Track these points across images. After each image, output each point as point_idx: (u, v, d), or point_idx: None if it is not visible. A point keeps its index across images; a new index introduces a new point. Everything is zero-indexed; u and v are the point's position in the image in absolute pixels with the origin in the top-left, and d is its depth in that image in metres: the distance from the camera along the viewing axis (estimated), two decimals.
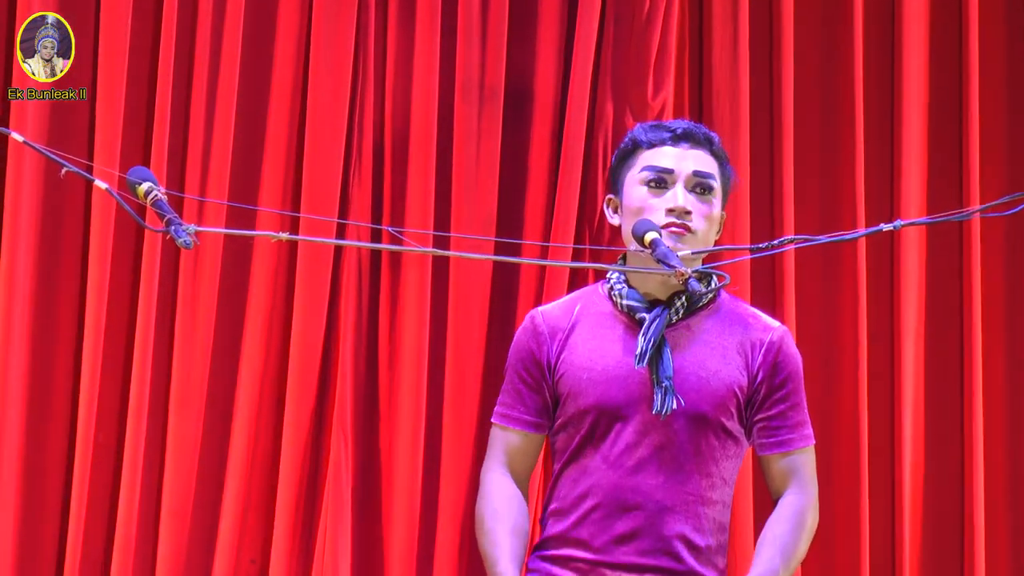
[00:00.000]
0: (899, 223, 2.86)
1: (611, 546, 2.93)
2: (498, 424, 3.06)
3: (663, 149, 3.01)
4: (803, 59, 4.27)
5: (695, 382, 2.94)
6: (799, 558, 2.99)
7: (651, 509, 2.92)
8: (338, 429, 3.93)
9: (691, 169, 2.99)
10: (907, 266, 4.25)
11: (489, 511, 3.00)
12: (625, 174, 3.04)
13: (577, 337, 3.00)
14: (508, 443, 3.04)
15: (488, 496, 3.02)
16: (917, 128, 4.28)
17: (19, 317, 3.85)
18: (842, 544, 4.16)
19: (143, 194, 2.61)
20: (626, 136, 3.08)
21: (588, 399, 2.95)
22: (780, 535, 2.98)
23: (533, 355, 3.02)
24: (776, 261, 4.16)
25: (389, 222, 3.99)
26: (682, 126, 3.03)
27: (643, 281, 3.00)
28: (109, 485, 3.88)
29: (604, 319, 3.01)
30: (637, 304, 2.98)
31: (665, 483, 2.92)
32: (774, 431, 3.00)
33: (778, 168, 4.19)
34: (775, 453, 3.01)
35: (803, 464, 3.02)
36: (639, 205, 2.98)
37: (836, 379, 4.22)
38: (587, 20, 4.09)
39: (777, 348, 3.02)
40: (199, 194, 3.88)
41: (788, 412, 3.01)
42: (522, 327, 3.07)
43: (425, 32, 4.04)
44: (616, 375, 2.95)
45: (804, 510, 3.00)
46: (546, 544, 3.01)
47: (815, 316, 4.23)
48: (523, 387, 3.03)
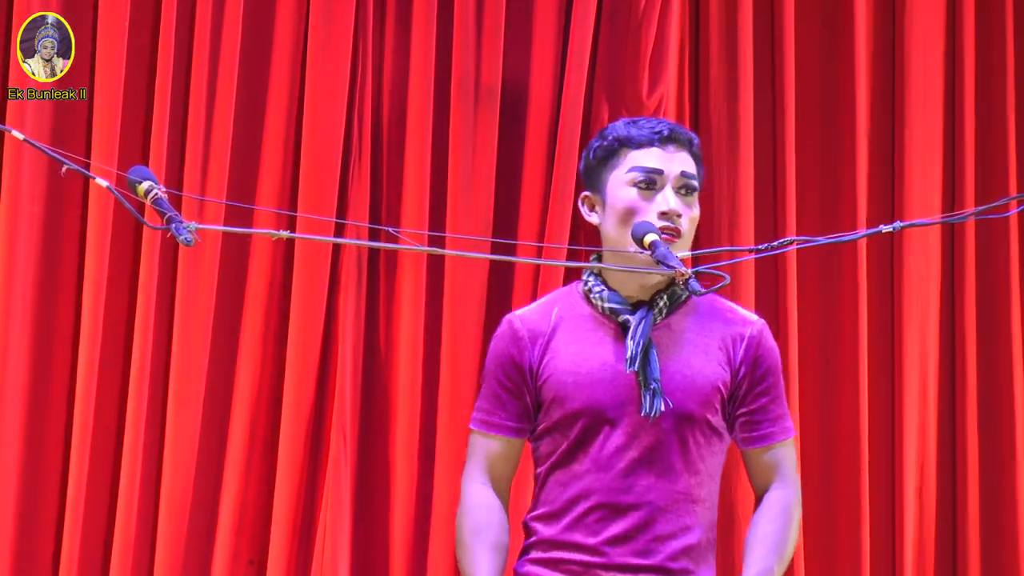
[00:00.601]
0: (898, 224, 2.86)
1: (606, 547, 2.93)
2: (479, 431, 3.03)
3: (652, 150, 2.98)
4: (804, 57, 4.27)
5: (680, 381, 2.94)
6: (791, 553, 3.00)
7: (644, 510, 2.92)
8: (337, 428, 3.93)
9: (678, 171, 2.97)
10: (908, 266, 4.26)
11: (468, 527, 2.99)
12: (608, 173, 3.00)
13: (559, 341, 2.98)
14: (489, 450, 3.02)
15: (468, 510, 3.01)
16: (919, 127, 4.29)
17: (18, 314, 3.86)
18: (843, 542, 4.17)
19: (144, 193, 2.61)
20: (606, 133, 3.03)
21: (575, 403, 2.94)
22: (771, 532, 2.98)
23: (513, 360, 2.99)
24: (778, 261, 4.17)
25: (386, 221, 3.99)
26: (667, 127, 3.00)
27: (623, 282, 2.99)
28: (107, 484, 3.88)
29: (584, 322, 2.99)
30: (619, 306, 2.97)
31: (656, 483, 2.92)
32: (756, 425, 3.01)
33: (780, 167, 4.20)
34: (759, 447, 3.01)
35: (785, 457, 3.03)
36: (628, 206, 2.96)
37: (836, 378, 4.22)
38: (583, 17, 4.09)
39: (757, 342, 3.02)
40: (198, 193, 3.88)
41: (769, 405, 3.01)
42: (499, 332, 3.03)
43: (422, 30, 4.05)
44: (602, 378, 2.94)
45: (791, 505, 3.01)
46: (535, 548, 2.99)
47: (816, 316, 4.24)
48: (503, 392, 3.00)
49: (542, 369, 2.98)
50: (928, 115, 4.31)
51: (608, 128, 3.04)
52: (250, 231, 3.77)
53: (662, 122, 3.02)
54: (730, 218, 4.17)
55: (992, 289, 4.31)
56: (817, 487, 4.18)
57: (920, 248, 4.27)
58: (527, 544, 3.01)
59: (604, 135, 3.03)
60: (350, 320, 3.97)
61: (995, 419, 4.27)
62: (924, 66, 4.32)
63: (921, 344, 4.25)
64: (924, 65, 4.32)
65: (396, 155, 4.05)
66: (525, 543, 3.03)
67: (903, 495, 4.19)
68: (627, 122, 3.04)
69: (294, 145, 4.00)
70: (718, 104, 4.19)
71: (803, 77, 4.27)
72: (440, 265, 4.01)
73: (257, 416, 3.94)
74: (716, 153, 4.19)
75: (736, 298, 4.11)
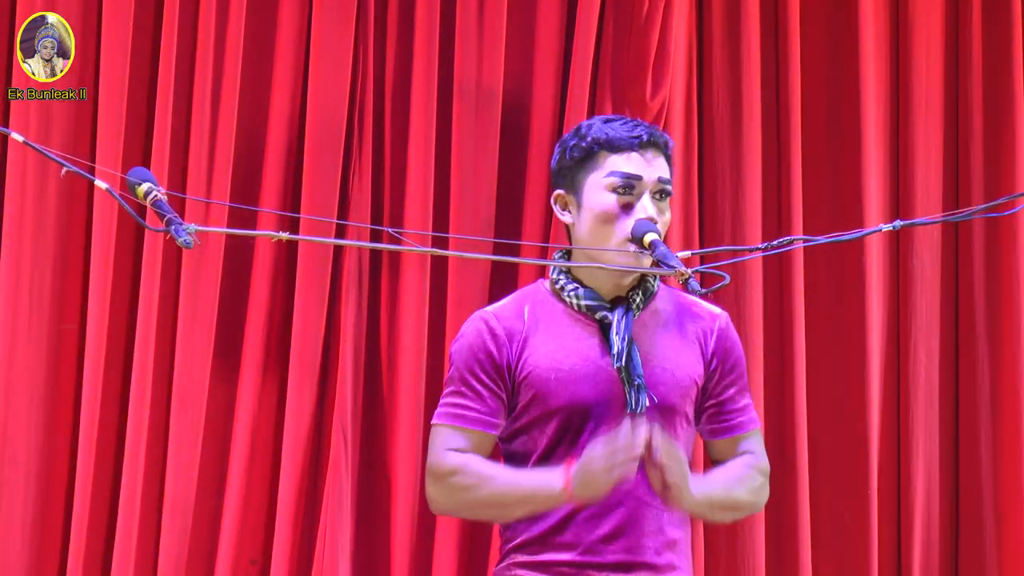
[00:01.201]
0: (899, 223, 2.87)
1: (598, 546, 2.92)
2: (450, 425, 2.96)
3: (631, 155, 2.98)
4: (809, 58, 4.27)
5: (662, 375, 2.95)
6: (740, 501, 2.99)
7: (632, 506, 2.93)
8: (338, 429, 3.93)
9: (656, 176, 2.98)
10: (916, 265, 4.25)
11: (468, 476, 2.91)
12: (586, 175, 2.99)
13: (536, 339, 2.97)
14: (460, 446, 2.95)
15: (458, 469, 2.92)
16: (925, 125, 4.29)
17: (22, 317, 3.86)
18: (852, 542, 4.17)
19: (143, 194, 2.62)
20: (583, 133, 3.01)
21: (559, 400, 2.93)
22: (733, 470, 3.01)
23: (492, 356, 2.97)
24: (784, 262, 4.17)
25: (388, 223, 3.99)
26: (646, 131, 3.00)
27: (600, 281, 2.99)
28: (110, 485, 3.88)
29: (559, 319, 2.99)
30: (596, 303, 2.98)
31: (643, 479, 2.91)
32: (726, 416, 3.04)
33: (785, 168, 4.20)
34: (728, 437, 3.04)
35: (757, 443, 3.06)
36: (606, 211, 2.96)
37: (843, 378, 4.22)
38: (586, 19, 4.09)
39: (726, 335, 3.07)
40: (200, 195, 3.88)
41: (736, 396, 3.05)
42: (474, 330, 3.00)
43: (423, 32, 4.04)
44: (585, 374, 2.93)
45: (762, 468, 3.03)
46: (520, 549, 2.97)
47: (823, 316, 4.24)
48: (481, 387, 2.96)
49: (520, 367, 2.96)
50: (932, 114, 4.31)
51: (584, 127, 3.03)
52: (250, 233, 3.77)
53: (639, 125, 3.01)
54: (734, 219, 4.17)
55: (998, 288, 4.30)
56: (825, 487, 4.19)
57: (926, 247, 4.27)
58: (509, 547, 2.99)
59: (581, 135, 3.02)
60: (351, 321, 3.97)
61: (1001, 419, 4.27)
62: (928, 65, 4.31)
63: (928, 345, 4.25)
64: (928, 64, 4.31)
65: (398, 157, 4.04)
66: (506, 545, 3.00)
67: (911, 494, 4.19)
68: (603, 122, 3.03)
69: (296, 147, 4.00)
70: (722, 106, 4.19)
71: (808, 78, 4.26)
72: (442, 266, 4.01)
73: (259, 416, 3.94)
74: (720, 154, 4.19)
75: (742, 299, 4.12)
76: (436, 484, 2.96)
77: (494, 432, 2.98)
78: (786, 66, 4.22)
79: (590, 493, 2.83)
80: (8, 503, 3.83)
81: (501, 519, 3.01)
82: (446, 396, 3.00)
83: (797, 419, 4.14)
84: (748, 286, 4.12)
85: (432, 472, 2.96)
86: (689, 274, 2.73)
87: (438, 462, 2.95)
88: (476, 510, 3.02)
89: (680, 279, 2.73)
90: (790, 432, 4.14)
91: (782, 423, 4.15)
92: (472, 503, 2.95)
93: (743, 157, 4.17)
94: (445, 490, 2.95)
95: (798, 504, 4.11)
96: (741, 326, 4.08)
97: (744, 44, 4.18)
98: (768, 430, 4.12)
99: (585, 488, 2.82)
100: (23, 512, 3.84)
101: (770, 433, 4.12)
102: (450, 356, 3.04)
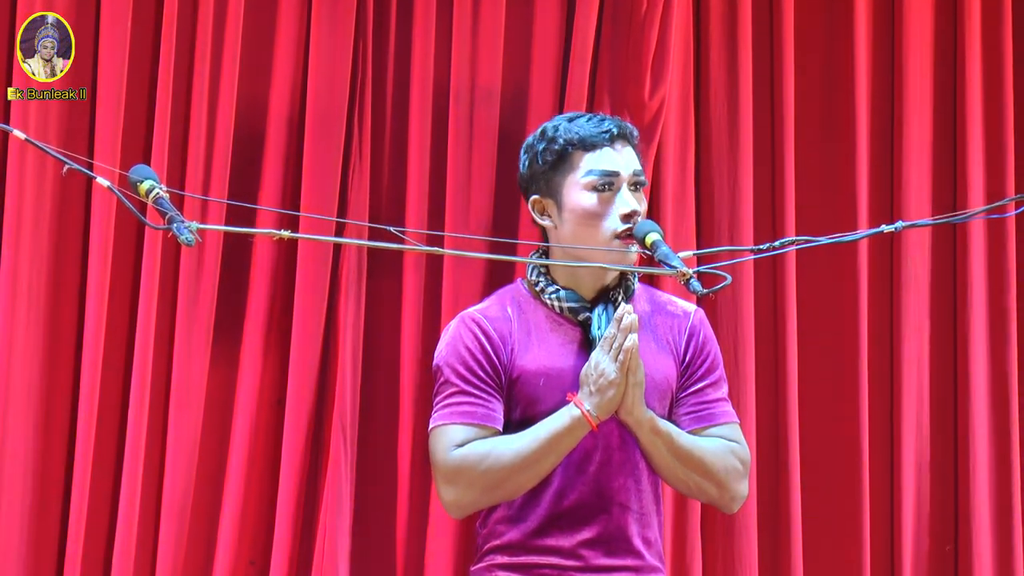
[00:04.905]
0: (899, 224, 2.87)
1: (582, 549, 2.92)
2: (465, 423, 2.92)
3: (604, 151, 2.97)
4: (804, 58, 4.28)
5: (641, 377, 2.93)
6: (707, 464, 2.94)
7: (614, 510, 2.93)
8: (338, 428, 3.93)
9: (631, 169, 2.98)
10: (907, 266, 4.26)
11: (476, 453, 2.88)
12: (563, 177, 2.98)
13: (524, 342, 2.97)
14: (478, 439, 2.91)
15: (464, 455, 2.88)
16: (918, 127, 4.29)
17: (20, 315, 3.85)
18: (843, 544, 4.17)
19: (145, 192, 2.61)
20: (552, 136, 2.99)
21: (546, 404, 2.92)
22: (711, 440, 2.97)
23: (491, 358, 2.95)
24: (777, 262, 4.17)
25: (387, 222, 3.99)
26: (615, 125, 2.99)
27: (580, 283, 2.99)
28: (109, 484, 3.87)
29: (542, 322, 2.99)
30: (578, 305, 2.97)
31: (625, 482, 2.93)
32: (699, 407, 3.02)
33: (780, 168, 4.20)
34: (700, 427, 3.00)
35: (734, 432, 3.02)
36: (590, 210, 2.95)
37: (836, 379, 4.22)
38: (584, 18, 4.09)
39: (699, 330, 3.06)
40: (199, 193, 3.88)
41: (709, 389, 3.03)
42: (468, 332, 2.98)
43: (422, 32, 4.05)
44: (572, 377, 2.93)
45: (741, 456, 2.99)
46: (498, 551, 2.96)
47: (816, 317, 4.24)
48: (484, 388, 2.94)
49: (512, 369, 2.95)
50: (926, 115, 4.31)
51: (551, 130, 3.01)
52: (251, 231, 3.76)
53: (605, 119, 3.01)
54: (730, 218, 4.17)
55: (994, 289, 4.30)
56: (817, 489, 4.19)
57: (918, 248, 4.28)
58: (488, 547, 2.97)
59: (550, 137, 3.00)
60: (350, 320, 3.97)
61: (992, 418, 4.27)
62: (922, 66, 4.32)
63: (919, 345, 4.25)
64: (922, 65, 4.32)
65: (397, 156, 4.04)
66: (484, 545, 2.98)
67: (902, 497, 4.19)
68: (569, 120, 3.01)
69: (296, 145, 4.00)
70: (719, 105, 4.20)
71: (803, 78, 4.27)
72: (438, 265, 4.01)
73: (258, 416, 3.93)
74: (717, 153, 4.20)
75: (736, 299, 4.12)
76: (450, 483, 2.91)
77: (499, 428, 2.94)
78: (781, 67, 4.22)
79: (607, 399, 2.83)
80: (7, 502, 3.82)
81: (534, 480, 2.90)
82: (446, 397, 2.96)
83: (789, 419, 4.14)
84: (741, 286, 4.12)
85: (442, 473, 2.91)
86: (691, 275, 2.72)
87: (444, 460, 2.91)
88: (504, 483, 2.90)
89: (682, 280, 2.72)
90: (782, 432, 4.14)
91: (774, 423, 4.15)
92: (496, 476, 2.89)
93: (740, 157, 4.17)
94: (462, 481, 2.89)
95: (790, 504, 4.12)
96: (734, 326, 4.10)
97: (740, 44, 4.19)
98: (760, 430, 4.13)
99: (601, 397, 2.83)
100: (21, 512, 3.83)
101: (762, 433, 4.14)
102: (438, 359, 3.00)
